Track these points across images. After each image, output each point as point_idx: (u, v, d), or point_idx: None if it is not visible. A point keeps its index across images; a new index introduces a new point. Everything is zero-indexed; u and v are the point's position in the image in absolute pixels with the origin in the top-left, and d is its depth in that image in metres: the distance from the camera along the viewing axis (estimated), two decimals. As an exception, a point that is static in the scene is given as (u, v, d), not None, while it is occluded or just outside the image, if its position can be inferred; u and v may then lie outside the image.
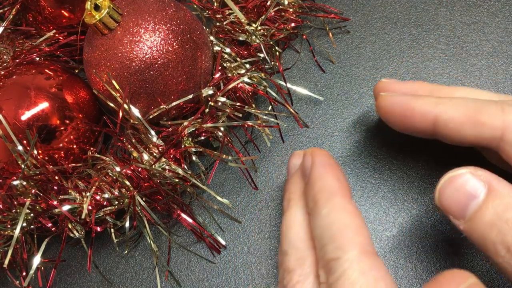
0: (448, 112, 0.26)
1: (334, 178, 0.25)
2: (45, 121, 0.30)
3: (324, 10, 0.38)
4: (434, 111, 0.26)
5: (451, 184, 0.24)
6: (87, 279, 0.33)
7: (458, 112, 0.26)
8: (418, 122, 0.27)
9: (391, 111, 0.28)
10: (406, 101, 0.28)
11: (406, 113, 0.27)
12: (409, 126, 0.28)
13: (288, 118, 0.36)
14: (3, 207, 0.30)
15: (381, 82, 0.31)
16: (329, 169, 0.26)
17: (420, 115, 0.27)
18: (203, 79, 0.32)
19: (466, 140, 0.26)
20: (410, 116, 0.27)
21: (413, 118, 0.27)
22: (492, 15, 0.37)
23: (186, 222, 0.32)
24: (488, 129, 0.25)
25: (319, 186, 0.25)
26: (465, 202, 0.23)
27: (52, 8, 0.34)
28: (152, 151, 0.31)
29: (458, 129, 0.26)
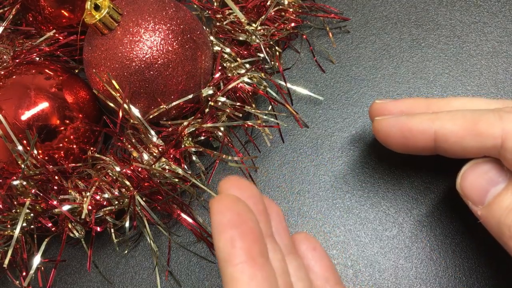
0: (447, 126, 0.26)
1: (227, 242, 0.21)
2: (45, 121, 0.30)
3: (324, 10, 0.38)
4: (433, 127, 0.26)
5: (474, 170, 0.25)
6: (87, 279, 0.33)
7: (457, 125, 0.26)
8: (418, 141, 0.27)
9: (388, 135, 0.28)
10: (402, 122, 0.27)
11: (405, 134, 0.27)
12: (410, 147, 0.28)
13: (288, 118, 0.36)
14: (3, 207, 0.30)
15: (374, 104, 0.30)
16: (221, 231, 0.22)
17: (419, 133, 0.27)
18: (203, 79, 0.32)
19: (468, 152, 0.26)
20: (409, 136, 0.27)
21: (413, 138, 0.27)
22: (492, 15, 0.37)
23: (186, 222, 0.32)
24: (488, 138, 0.25)
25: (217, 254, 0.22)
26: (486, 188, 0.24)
27: (52, 8, 0.34)
28: (152, 151, 0.31)
29: (459, 142, 0.26)
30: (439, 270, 0.30)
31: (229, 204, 0.22)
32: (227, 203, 0.22)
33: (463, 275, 0.30)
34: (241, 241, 0.21)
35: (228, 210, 0.22)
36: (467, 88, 0.35)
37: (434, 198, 0.32)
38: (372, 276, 0.31)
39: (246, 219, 0.22)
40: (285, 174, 0.34)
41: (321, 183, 0.34)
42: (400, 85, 0.36)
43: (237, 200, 0.23)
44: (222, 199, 0.23)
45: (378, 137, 0.29)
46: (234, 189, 0.24)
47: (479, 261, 0.30)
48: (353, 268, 0.31)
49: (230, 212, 0.22)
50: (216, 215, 0.22)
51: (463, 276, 0.30)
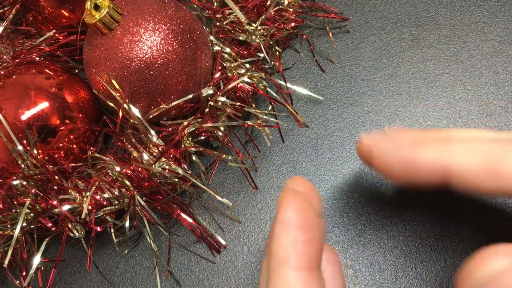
0: (461, 162, 0.22)
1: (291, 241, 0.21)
2: (45, 121, 0.30)
3: (324, 10, 0.38)
4: (444, 162, 0.22)
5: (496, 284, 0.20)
6: (87, 279, 0.33)
7: (475, 162, 0.22)
8: (426, 178, 0.23)
9: (391, 171, 0.24)
10: (406, 155, 0.23)
11: (411, 170, 0.23)
12: (416, 183, 0.24)
13: (288, 118, 0.36)
14: (3, 207, 0.30)
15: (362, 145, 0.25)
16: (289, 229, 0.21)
17: (427, 170, 0.23)
18: (203, 79, 0.32)
19: (483, 192, 0.22)
20: (415, 173, 0.23)
21: (419, 175, 0.23)
22: (492, 15, 0.37)
23: (186, 222, 0.32)
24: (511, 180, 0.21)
25: (274, 250, 0.21)
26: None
27: (52, 8, 0.34)
28: (152, 151, 0.31)
29: (475, 181, 0.22)
30: (439, 270, 0.30)
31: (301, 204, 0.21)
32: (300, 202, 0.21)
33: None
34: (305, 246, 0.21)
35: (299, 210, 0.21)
36: (467, 88, 0.35)
37: (434, 198, 0.32)
38: (372, 276, 0.31)
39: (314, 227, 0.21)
40: (285, 174, 0.34)
41: (321, 183, 0.34)
42: (400, 85, 0.36)
43: (309, 204, 0.22)
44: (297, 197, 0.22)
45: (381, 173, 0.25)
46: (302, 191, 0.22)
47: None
48: (353, 268, 0.31)
49: (301, 214, 0.21)
50: (285, 211, 0.21)
51: (463, 276, 0.30)
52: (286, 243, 0.21)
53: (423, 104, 0.35)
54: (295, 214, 0.21)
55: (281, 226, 0.21)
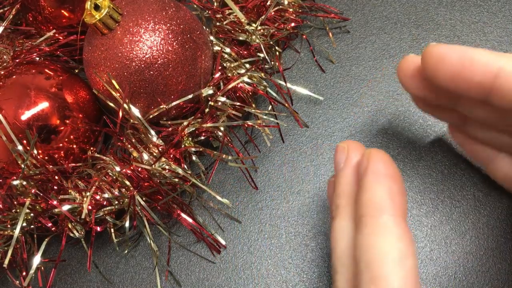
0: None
1: (386, 191, 0.22)
2: (45, 121, 0.30)
3: (324, 10, 0.38)
4: (498, 63, 0.22)
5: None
6: (87, 279, 0.33)
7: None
8: (476, 75, 0.23)
9: (443, 61, 0.24)
10: (464, 50, 0.23)
11: (464, 62, 0.23)
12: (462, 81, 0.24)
13: (288, 118, 0.36)
14: (3, 207, 0.30)
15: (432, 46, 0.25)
16: (383, 179, 0.22)
17: (481, 66, 0.23)
18: (203, 79, 0.32)
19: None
20: (468, 66, 0.23)
21: (471, 69, 0.23)
22: (492, 15, 0.37)
23: (186, 222, 0.32)
24: None
25: (367, 198, 0.22)
26: None
27: (52, 8, 0.34)
28: (152, 151, 0.31)
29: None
30: (439, 270, 0.30)
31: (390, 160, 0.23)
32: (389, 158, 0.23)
33: (463, 275, 0.30)
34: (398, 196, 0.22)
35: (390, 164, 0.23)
36: (467, 88, 0.35)
37: (434, 198, 0.32)
38: (372, 276, 0.31)
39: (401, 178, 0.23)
40: (285, 174, 0.34)
41: (321, 183, 0.34)
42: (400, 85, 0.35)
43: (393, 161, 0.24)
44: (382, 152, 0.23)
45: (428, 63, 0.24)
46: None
47: (479, 261, 0.30)
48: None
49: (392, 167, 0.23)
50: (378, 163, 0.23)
51: (463, 276, 0.30)
52: (382, 191, 0.22)
53: (423, 104, 0.35)
54: (386, 166, 0.23)
55: (374, 177, 0.23)
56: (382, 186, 0.22)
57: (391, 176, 0.23)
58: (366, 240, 0.21)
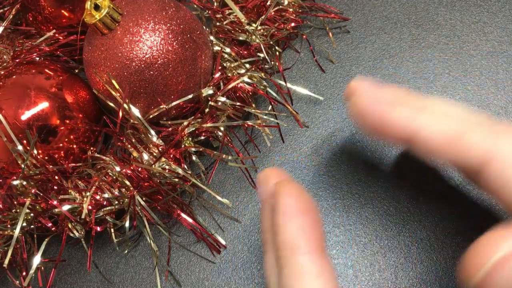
0: (427, 129, 0.23)
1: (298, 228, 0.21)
2: (45, 121, 0.30)
3: (324, 10, 0.38)
4: (412, 127, 0.23)
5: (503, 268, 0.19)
6: (87, 279, 0.33)
7: (439, 132, 0.23)
8: (393, 136, 0.24)
9: (363, 120, 0.25)
10: (379, 110, 0.24)
11: (381, 123, 0.24)
12: (384, 137, 0.26)
13: (288, 118, 0.36)
14: (3, 207, 0.30)
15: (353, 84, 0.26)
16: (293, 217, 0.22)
17: (396, 128, 0.24)
18: (203, 79, 0.32)
19: (443, 161, 0.24)
20: (385, 128, 0.24)
21: (388, 131, 0.24)
22: (492, 15, 0.37)
23: (186, 222, 0.32)
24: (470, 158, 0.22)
25: (281, 239, 0.22)
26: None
27: (52, 8, 0.34)
28: (152, 151, 0.31)
29: (436, 150, 0.23)
30: (439, 270, 0.30)
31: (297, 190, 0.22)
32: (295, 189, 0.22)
33: (463, 275, 0.30)
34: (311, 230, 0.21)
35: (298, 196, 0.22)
36: (467, 88, 0.35)
37: (434, 197, 0.32)
38: (372, 276, 0.31)
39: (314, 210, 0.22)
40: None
41: (321, 183, 0.34)
42: (400, 85, 0.36)
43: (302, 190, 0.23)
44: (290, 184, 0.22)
45: (353, 119, 0.26)
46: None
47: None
48: (353, 268, 0.31)
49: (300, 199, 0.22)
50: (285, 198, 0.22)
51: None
52: (293, 230, 0.21)
53: (423, 104, 0.35)
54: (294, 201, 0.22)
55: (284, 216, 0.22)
56: (293, 224, 0.21)
57: (301, 211, 0.22)
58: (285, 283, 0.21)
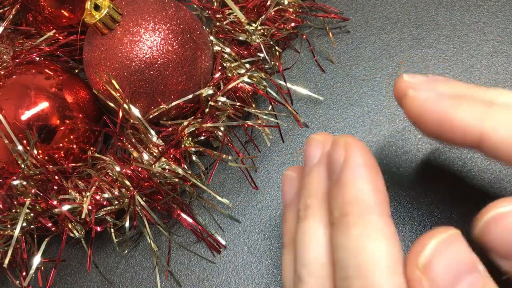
0: (499, 131, 0.20)
1: (373, 187, 0.20)
2: (45, 121, 0.30)
3: (324, 10, 0.38)
4: (481, 128, 0.21)
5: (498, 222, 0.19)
6: (87, 279, 0.33)
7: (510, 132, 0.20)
8: (458, 137, 0.21)
9: (422, 120, 0.22)
10: (443, 108, 0.21)
11: (443, 125, 0.21)
12: (447, 139, 0.22)
13: (288, 118, 0.36)
14: (3, 207, 0.30)
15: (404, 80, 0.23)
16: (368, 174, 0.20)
17: (462, 130, 0.21)
18: (203, 79, 0.32)
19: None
20: (449, 129, 0.21)
21: (452, 132, 0.21)
22: (492, 15, 0.37)
23: (186, 222, 0.32)
24: None
25: (353, 195, 0.20)
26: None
27: (52, 8, 0.34)
28: (152, 151, 0.31)
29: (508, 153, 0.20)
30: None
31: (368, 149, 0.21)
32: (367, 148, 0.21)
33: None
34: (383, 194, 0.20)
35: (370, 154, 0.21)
36: (467, 88, 0.35)
37: (434, 198, 0.32)
38: (372, 276, 0.31)
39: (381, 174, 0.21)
40: (285, 174, 0.34)
41: (321, 183, 0.34)
42: (400, 85, 0.36)
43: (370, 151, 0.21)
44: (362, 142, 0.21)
45: (409, 117, 0.23)
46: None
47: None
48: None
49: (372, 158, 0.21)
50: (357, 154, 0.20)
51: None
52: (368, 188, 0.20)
53: (423, 104, 0.35)
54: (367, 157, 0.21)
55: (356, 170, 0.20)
56: (368, 182, 0.20)
57: (373, 169, 0.20)
58: (355, 243, 0.19)
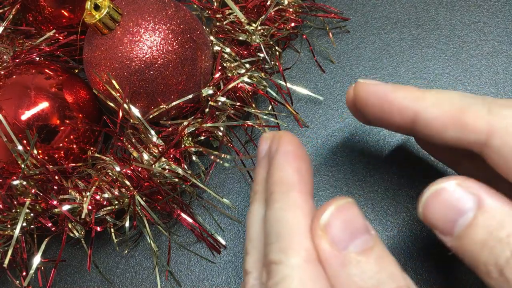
0: (430, 109, 0.23)
1: (295, 170, 0.23)
2: (45, 121, 0.30)
3: (324, 10, 0.38)
4: (415, 107, 0.24)
5: (436, 198, 0.21)
6: (87, 279, 0.33)
7: (442, 110, 0.23)
8: (396, 118, 0.24)
9: (366, 103, 0.25)
10: (384, 91, 0.25)
11: (384, 106, 0.25)
12: (385, 121, 0.25)
13: (288, 118, 0.36)
14: (3, 207, 0.30)
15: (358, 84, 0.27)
16: (292, 159, 0.23)
17: (399, 109, 0.24)
18: (203, 79, 0.32)
19: (447, 142, 0.23)
20: (387, 109, 0.24)
21: (391, 113, 0.24)
22: (492, 15, 0.37)
23: (186, 222, 0.32)
24: (473, 132, 0.22)
25: (277, 177, 0.23)
26: (453, 218, 0.21)
27: (52, 8, 0.34)
28: (152, 151, 0.31)
29: (440, 130, 0.23)
30: (439, 270, 0.30)
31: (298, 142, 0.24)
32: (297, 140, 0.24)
33: (463, 275, 0.30)
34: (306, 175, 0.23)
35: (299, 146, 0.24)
36: (467, 88, 0.35)
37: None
38: (372, 276, 0.31)
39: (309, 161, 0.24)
40: (285, 174, 0.34)
41: (321, 183, 0.34)
42: (400, 85, 0.36)
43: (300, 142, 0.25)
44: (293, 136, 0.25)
45: (356, 101, 0.26)
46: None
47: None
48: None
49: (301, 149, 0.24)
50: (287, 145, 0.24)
51: (462, 276, 0.30)
52: (290, 171, 0.23)
53: (423, 104, 0.35)
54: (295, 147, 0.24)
55: (284, 157, 0.23)
56: (291, 165, 0.23)
57: (299, 156, 0.24)
58: (276, 215, 0.22)
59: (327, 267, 0.20)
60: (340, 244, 0.20)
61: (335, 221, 0.21)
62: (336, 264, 0.20)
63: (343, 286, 0.20)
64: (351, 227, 0.21)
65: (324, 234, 0.21)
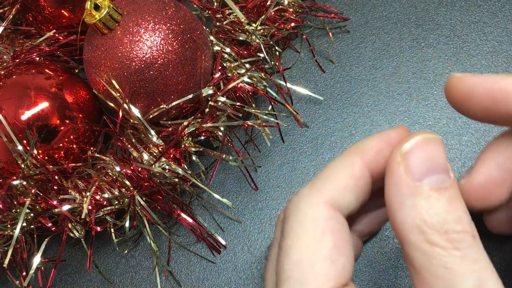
0: None
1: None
2: (45, 121, 0.30)
3: (324, 10, 0.38)
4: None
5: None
6: (87, 279, 0.33)
7: None
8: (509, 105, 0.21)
9: (471, 96, 0.22)
10: (493, 81, 0.21)
11: (495, 95, 0.21)
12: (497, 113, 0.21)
13: (288, 118, 0.36)
14: (3, 207, 0.30)
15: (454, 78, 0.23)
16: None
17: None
18: (203, 79, 0.32)
19: None
20: (500, 99, 0.21)
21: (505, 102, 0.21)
22: (492, 15, 0.37)
23: (186, 222, 0.32)
24: None
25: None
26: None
27: (52, 8, 0.34)
28: (152, 151, 0.31)
29: None
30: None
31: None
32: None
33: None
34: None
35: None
36: (467, 88, 0.35)
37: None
38: (372, 276, 0.31)
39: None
40: (285, 174, 0.34)
41: (321, 183, 0.33)
42: (400, 85, 0.36)
43: None
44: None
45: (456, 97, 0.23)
46: None
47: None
48: (353, 268, 0.31)
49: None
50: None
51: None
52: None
53: (423, 104, 0.35)
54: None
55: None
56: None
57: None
58: None
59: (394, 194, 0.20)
60: (416, 175, 0.20)
61: (418, 151, 0.20)
62: (406, 192, 0.19)
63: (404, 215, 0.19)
64: (431, 162, 0.20)
65: (402, 160, 0.20)
